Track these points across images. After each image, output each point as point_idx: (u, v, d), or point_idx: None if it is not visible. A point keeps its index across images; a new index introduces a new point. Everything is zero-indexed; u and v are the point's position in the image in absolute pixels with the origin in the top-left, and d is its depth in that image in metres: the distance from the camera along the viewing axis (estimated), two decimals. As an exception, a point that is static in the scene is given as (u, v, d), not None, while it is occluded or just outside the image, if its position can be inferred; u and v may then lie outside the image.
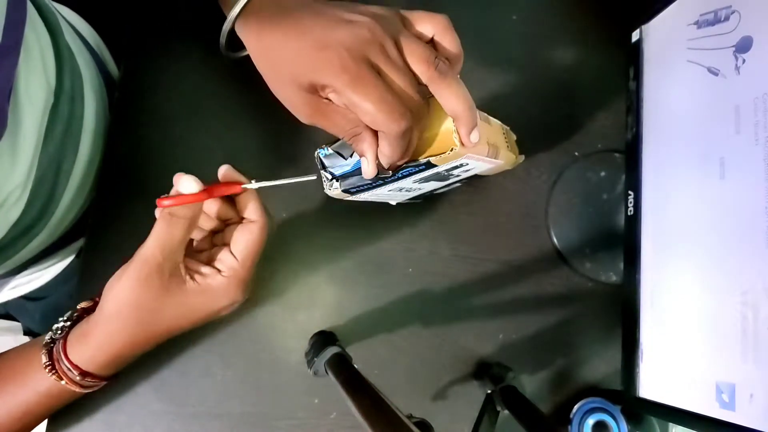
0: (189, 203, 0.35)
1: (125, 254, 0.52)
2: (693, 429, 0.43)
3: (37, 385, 0.39)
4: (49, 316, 0.64)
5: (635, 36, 0.53)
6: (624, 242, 0.52)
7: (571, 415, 0.49)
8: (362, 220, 0.54)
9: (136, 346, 0.38)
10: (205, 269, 0.37)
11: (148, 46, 0.55)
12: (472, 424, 0.41)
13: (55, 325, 0.41)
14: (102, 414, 0.50)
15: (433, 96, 0.33)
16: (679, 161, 0.46)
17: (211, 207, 0.40)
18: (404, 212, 0.54)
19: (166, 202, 0.35)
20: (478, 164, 0.40)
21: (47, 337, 0.40)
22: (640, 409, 0.48)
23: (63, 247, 0.57)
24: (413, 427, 0.30)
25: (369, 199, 0.41)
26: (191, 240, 0.41)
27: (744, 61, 0.39)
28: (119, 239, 0.52)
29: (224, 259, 0.38)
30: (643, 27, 0.52)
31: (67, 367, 0.38)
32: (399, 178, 0.36)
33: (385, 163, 0.33)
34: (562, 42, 0.57)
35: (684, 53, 0.46)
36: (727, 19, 0.41)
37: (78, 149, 0.50)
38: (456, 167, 0.38)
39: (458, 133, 0.33)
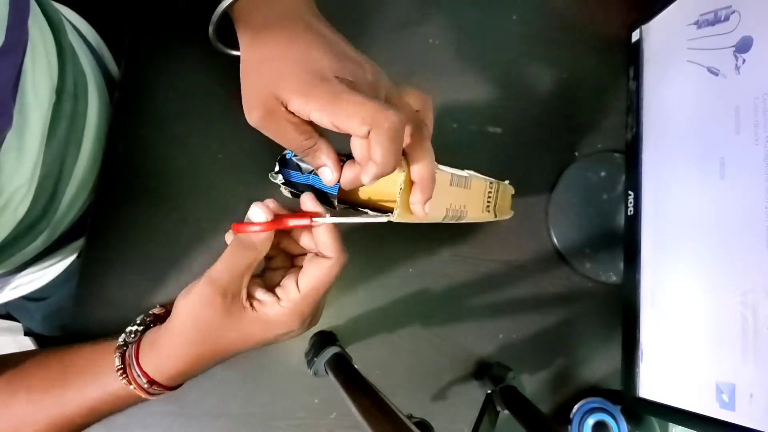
0: (257, 232, 0.35)
1: (125, 254, 0.53)
2: (693, 429, 0.43)
3: (107, 386, 0.40)
4: (50, 316, 0.64)
5: (635, 36, 0.53)
6: (624, 242, 0.52)
7: (571, 415, 0.49)
8: (362, 220, 0.54)
9: (199, 362, 0.39)
10: (265, 297, 0.36)
11: (148, 46, 0.55)
12: (472, 424, 0.41)
13: (129, 328, 0.41)
14: (102, 414, 0.50)
15: None
16: (679, 161, 0.46)
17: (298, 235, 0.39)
18: (404, 212, 0.54)
19: (240, 229, 0.36)
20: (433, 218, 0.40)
21: (120, 339, 0.41)
22: (640, 409, 0.48)
23: (64, 246, 0.57)
24: (413, 427, 0.30)
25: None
26: (268, 258, 0.40)
27: (744, 61, 0.39)
28: (119, 239, 0.53)
29: (287, 288, 0.36)
30: (643, 27, 0.52)
31: (137, 373, 0.39)
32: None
33: (371, 173, 0.32)
34: (562, 42, 0.57)
35: (684, 53, 0.46)
36: (727, 19, 0.41)
37: (81, 147, 0.50)
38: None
39: (410, 200, 0.34)
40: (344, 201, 0.38)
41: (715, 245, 0.41)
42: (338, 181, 0.34)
